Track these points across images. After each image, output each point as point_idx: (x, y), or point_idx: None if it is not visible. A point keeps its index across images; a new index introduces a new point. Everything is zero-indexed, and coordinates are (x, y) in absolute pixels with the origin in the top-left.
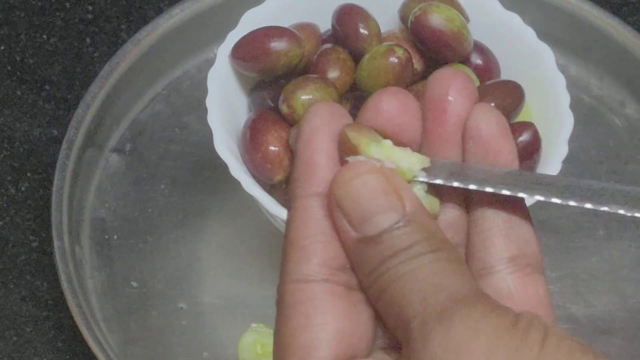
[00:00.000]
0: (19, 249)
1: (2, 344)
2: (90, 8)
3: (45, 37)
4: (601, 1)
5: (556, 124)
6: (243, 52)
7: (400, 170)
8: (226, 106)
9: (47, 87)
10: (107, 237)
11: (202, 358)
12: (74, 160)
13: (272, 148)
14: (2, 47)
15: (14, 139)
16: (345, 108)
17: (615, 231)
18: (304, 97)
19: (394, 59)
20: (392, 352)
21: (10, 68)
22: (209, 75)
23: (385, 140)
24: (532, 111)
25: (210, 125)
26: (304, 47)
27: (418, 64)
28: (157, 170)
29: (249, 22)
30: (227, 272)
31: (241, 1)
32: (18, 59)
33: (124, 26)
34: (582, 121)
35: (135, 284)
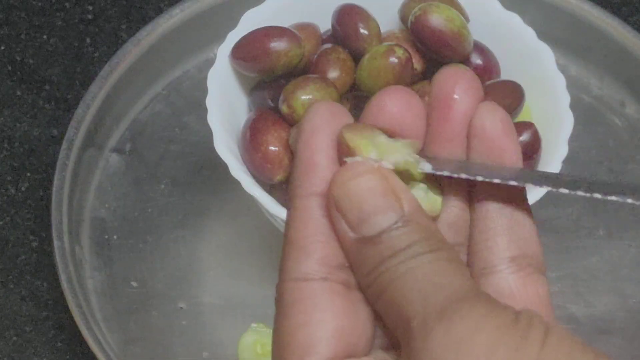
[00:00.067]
0: (19, 249)
1: (2, 344)
2: (90, 8)
3: (45, 37)
4: (601, 1)
5: (556, 124)
6: (243, 52)
7: (399, 166)
8: (226, 106)
9: (47, 87)
10: (107, 237)
11: (202, 358)
12: (74, 160)
13: (272, 148)
14: (2, 47)
15: (14, 139)
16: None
17: (615, 231)
18: (304, 97)
19: (394, 59)
20: (392, 352)
21: (10, 68)
22: (209, 75)
23: (380, 136)
24: (532, 111)
25: (210, 125)
26: (304, 47)
27: (418, 64)
28: (157, 170)
29: (249, 22)
30: (227, 272)
31: (241, 1)
32: (18, 59)
33: (124, 26)
34: (582, 121)
35: (135, 284)
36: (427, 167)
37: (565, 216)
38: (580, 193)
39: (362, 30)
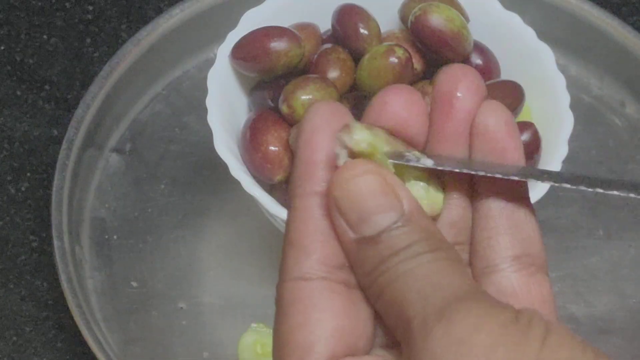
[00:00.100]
0: (18, 249)
1: (2, 344)
2: (90, 8)
3: (45, 37)
4: (601, 1)
5: (556, 124)
6: (243, 52)
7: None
8: (226, 106)
9: (47, 87)
10: (107, 237)
11: (202, 358)
12: (74, 160)
13: (272, 148)
14: (2, 47)
15: (14, 139)
16: None
17: (615, 231)
18: (304, 97)
19: (394, 59)
20: (392, 350)
21: (10, 68)
22: (209, 75)
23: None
24: (532, 111)
25: (210, 125)
26: (304, 47)
27: (418, 64)
28: (157, 170)
29: (249, 22)
30: (227, 272)
31: (241, 1)
32: (18, 59)
33: (124, 26)
34: (582, 121)
35: (135, 284)
36: (428, 163)
37: (565, 216)
38: (582, 188)
39: (362, 30)
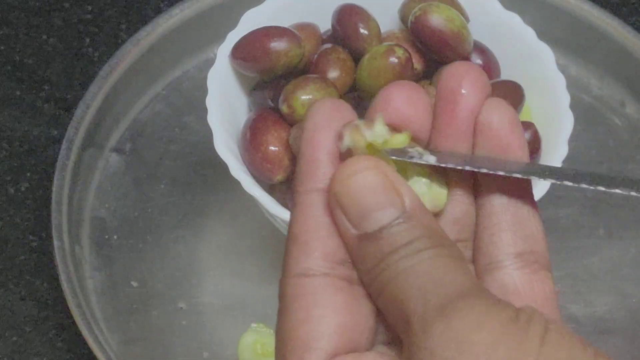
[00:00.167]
0: (18, 249)
1: (2, 344)
2: (89, 8)
3: (44, 37)
4: (601, 1)
5: (556, 124)
6: (243, 52)
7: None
8: (226, 106)
9: (46, 87)
10: (107, 237)
11: (202, 358)
12: (73, 160)
13: (272, 148)
14: (2, 47)
15: (14, 139)
16: None
17: (615, 231)
18: (304, 97)
19: (394, 59)
20: (394, 347)
21: (9, 68)
22: (209, 75)
23: (376, 124)
24: (532, 111)
25: (210, 125)
26: (304, 47)
27: (418, 64)
28: (157, 170)
29: (249, 22)
30: (227, 272)
31: (241, 1)
32: (17, 59)
33: (123, 26)
34: (582, 121)
35: (135, 284)
36: (431, 160)
37: (565, 216)
38: (584, 185)
39: (362, 30)
